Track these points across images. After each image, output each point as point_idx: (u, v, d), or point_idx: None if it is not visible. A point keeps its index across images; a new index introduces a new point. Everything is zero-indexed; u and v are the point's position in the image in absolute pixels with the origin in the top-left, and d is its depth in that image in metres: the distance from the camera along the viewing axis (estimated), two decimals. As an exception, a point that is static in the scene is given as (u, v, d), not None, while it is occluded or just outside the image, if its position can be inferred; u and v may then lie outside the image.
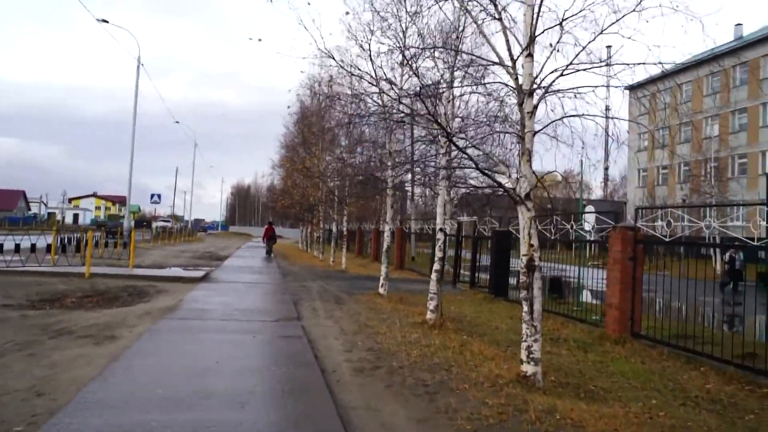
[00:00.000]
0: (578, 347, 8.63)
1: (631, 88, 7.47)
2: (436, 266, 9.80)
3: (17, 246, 16.30)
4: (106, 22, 26.94)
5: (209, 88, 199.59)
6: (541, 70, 6.19)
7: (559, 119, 6.33)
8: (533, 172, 6.16)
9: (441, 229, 9.82)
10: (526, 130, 6.04)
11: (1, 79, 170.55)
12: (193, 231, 62.97)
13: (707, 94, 42.51)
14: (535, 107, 6.16)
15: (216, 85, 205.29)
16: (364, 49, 9.56)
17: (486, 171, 6.01)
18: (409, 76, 10.07)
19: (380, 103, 10.05)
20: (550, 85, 6.10)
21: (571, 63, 6.02)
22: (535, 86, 6.12)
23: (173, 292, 12.47)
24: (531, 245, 6.01)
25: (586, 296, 14.66)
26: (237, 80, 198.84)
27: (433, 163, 9.67)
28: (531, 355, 5.94)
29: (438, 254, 9.85)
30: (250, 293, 12.98)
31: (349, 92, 10.86)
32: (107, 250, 25.98)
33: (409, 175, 12.98)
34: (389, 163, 12.63)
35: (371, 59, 9.36)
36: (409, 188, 26.39)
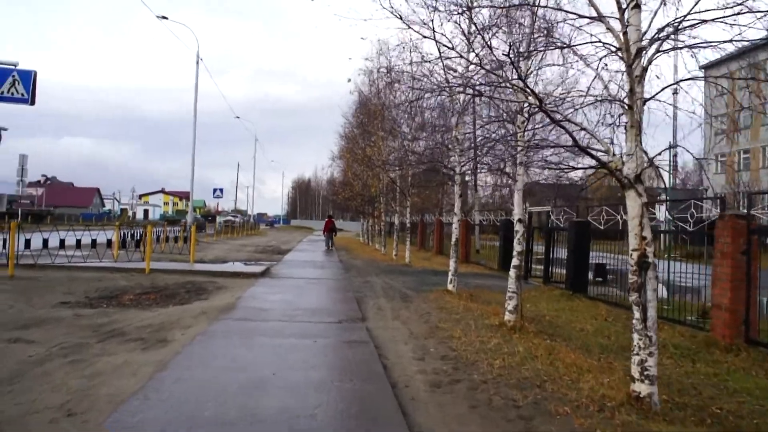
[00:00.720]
0: (682, 355, 7.44)
1: (707, 67, 6.60)
2: (515, 261, 8.76)
3: (78, 241, 16.35)
4: (166, 18, 27.07)
5: (269, 84, 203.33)
6: (650, 25, 5.09)
7: (676, 83, 5.20)
8: (644, 151, 5.08)
9: (520, 220, 8.76)
10: (635, 98, 4.96)
11: (77, 84, 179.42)
12: (255, 225, 63.76)
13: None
14: (645, 69, 5.06)
15: (276, 81, 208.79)
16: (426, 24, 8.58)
17: (589, 149, 4.96)
18: (477, 52, 9.06)
19: (447, 79, 9.06)
20: (664, 39, 4.98)
21: (691, 12, 4.88)
22: (645, 42, 5.03)
23: (232, 289, 11.97)
24: (643, 238, 4.93)
25: (662, 291, 13.28)
26: (296, 75, 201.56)
27: (508, 146, 8.61)
28: (645, 372, 4.88)
29: (517, 248, 8.80)
30: (311, 290, 12.32)
31: (410, 71, 9.88)
32: (168, 245, 26.22)
33: (475, 162, 11.92)
34: (457, 149, 11.62)
35: (433, 30, 8.38)
36: (472, 177, 25.23)
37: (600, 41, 5.28)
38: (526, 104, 6.40)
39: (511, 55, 4.75)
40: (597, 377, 5.70)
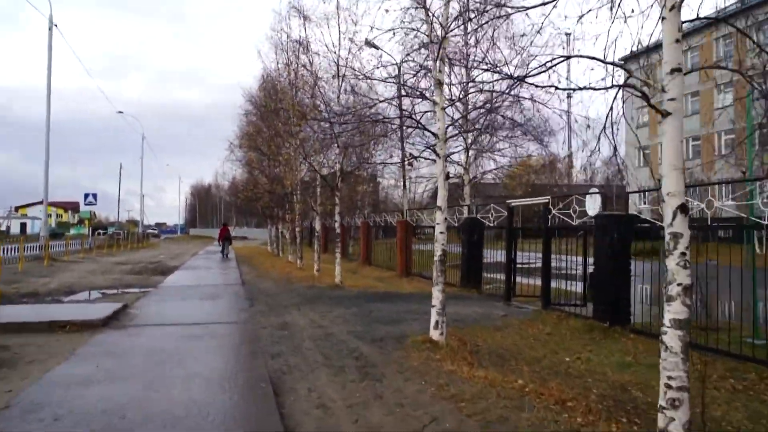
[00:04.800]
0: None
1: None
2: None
3: None
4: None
5: (172, 89, 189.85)
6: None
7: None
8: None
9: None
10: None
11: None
12: (144, 236, 55.57)
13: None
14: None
15: (180, 85, 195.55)
16: None
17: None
18: None
19: None
20: None
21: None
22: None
23: (32, 363, 6.17)
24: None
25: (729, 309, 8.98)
26: (200, 79, 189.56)
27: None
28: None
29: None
30: (185, 358, 6.56)
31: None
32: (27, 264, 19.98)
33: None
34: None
35: None
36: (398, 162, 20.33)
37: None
38: None
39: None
40: None
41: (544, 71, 4.19)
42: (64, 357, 6.47)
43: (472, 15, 6.86)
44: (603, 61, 3.91)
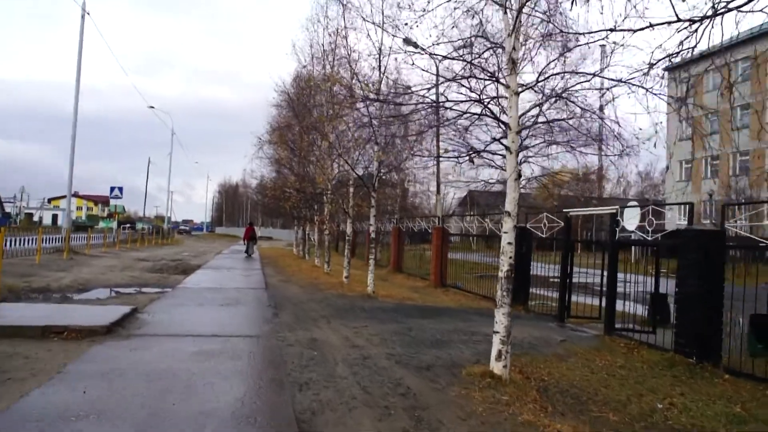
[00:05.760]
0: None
1: (670, 69, 5.62)
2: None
3: None
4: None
5: (204, 86, 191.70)
6: None
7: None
8: None
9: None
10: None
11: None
12: (169, 233, 55.12)
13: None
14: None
15: (212, 83, 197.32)
16: None
17: None
18: None
19: None
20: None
21: None
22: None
23: (8, 382, 5.06)
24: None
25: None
26: (230, 78, 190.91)
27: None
28: None
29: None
30: (195, 385, 5.34)
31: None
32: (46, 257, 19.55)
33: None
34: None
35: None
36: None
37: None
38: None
39: None
40: None
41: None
42: (48, 376, 5.33)
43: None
44: None
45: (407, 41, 10.60)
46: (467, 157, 6.68)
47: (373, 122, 11.44)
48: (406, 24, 6.60)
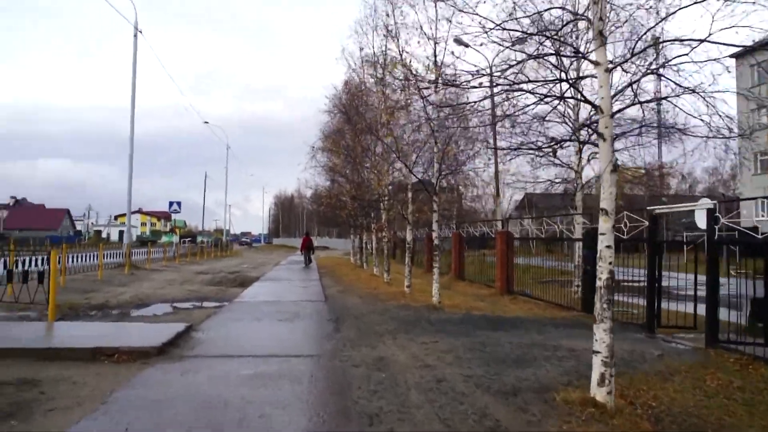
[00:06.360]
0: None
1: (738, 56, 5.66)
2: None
3: None
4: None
5: (255, 103, 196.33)
6: None
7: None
8: None
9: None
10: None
11: (53, 104, 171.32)
12: (228, 245, 55.85)
13: None
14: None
15: (262, 99, 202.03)
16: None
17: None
18: None
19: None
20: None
21: None
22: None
23: (51, 413, 4.58)
24: None
25: None
26: (282, 93, 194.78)
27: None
28: None
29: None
30: (249, 420, 4.58)
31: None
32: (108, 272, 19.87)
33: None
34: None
35: None
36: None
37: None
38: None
39: None
40: None
41: None
42: (92, 406, 4.81)
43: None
44: None
45: (458, 41, 9.77)
46: (550, 149, 5.81)
47: (431, 121, 10.67)
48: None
